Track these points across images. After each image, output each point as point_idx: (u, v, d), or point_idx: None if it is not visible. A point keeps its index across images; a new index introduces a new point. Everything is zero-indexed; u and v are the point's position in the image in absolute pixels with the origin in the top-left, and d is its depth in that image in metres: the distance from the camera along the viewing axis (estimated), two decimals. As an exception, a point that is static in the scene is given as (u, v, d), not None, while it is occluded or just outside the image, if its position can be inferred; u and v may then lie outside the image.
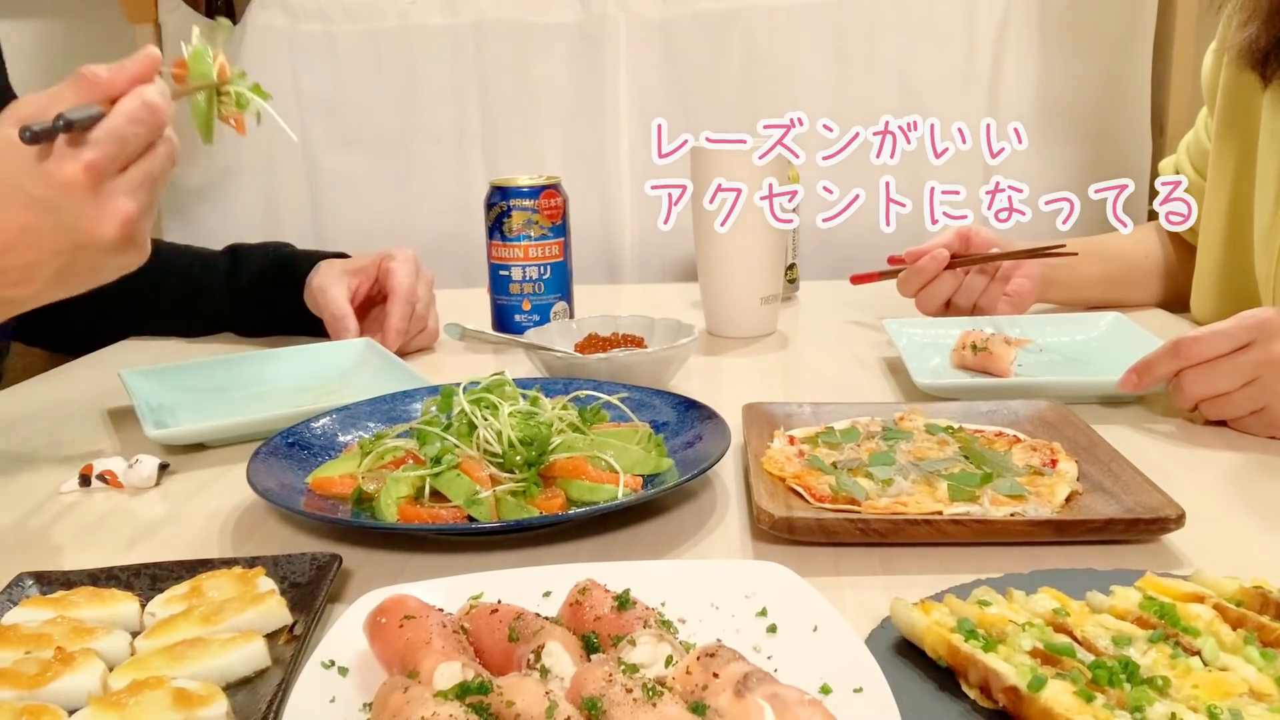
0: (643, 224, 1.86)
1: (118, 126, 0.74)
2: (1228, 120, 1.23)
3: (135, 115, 0.75)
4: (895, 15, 1.76)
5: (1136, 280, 1.39)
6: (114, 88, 0.75)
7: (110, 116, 0.74)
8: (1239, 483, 0.82)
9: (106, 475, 0.88)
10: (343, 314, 1.23)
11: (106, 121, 0.74)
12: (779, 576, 0.62)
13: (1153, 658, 0.52)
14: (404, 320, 1.24)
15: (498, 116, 1.86)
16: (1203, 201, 1.27)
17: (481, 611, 0.58)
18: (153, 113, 0.75)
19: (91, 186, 0.73)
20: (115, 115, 0.74)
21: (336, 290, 1.24)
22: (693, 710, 0.49)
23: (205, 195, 1.92)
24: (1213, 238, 1.25)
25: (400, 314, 1.23)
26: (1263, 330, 0.88)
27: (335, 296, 1.24)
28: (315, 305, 1.27)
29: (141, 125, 0.75)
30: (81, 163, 0.73)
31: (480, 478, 0.76)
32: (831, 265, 1.80)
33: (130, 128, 0.74)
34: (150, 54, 0.77)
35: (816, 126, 1.79)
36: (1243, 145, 1.20)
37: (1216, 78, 1.25)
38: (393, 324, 1.23)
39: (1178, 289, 1.36)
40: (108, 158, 0.73)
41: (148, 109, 0.75)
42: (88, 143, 0.73)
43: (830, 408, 0.93)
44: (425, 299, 1.28)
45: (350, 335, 1.22)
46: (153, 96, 0.76)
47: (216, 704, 0.53)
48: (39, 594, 0.66)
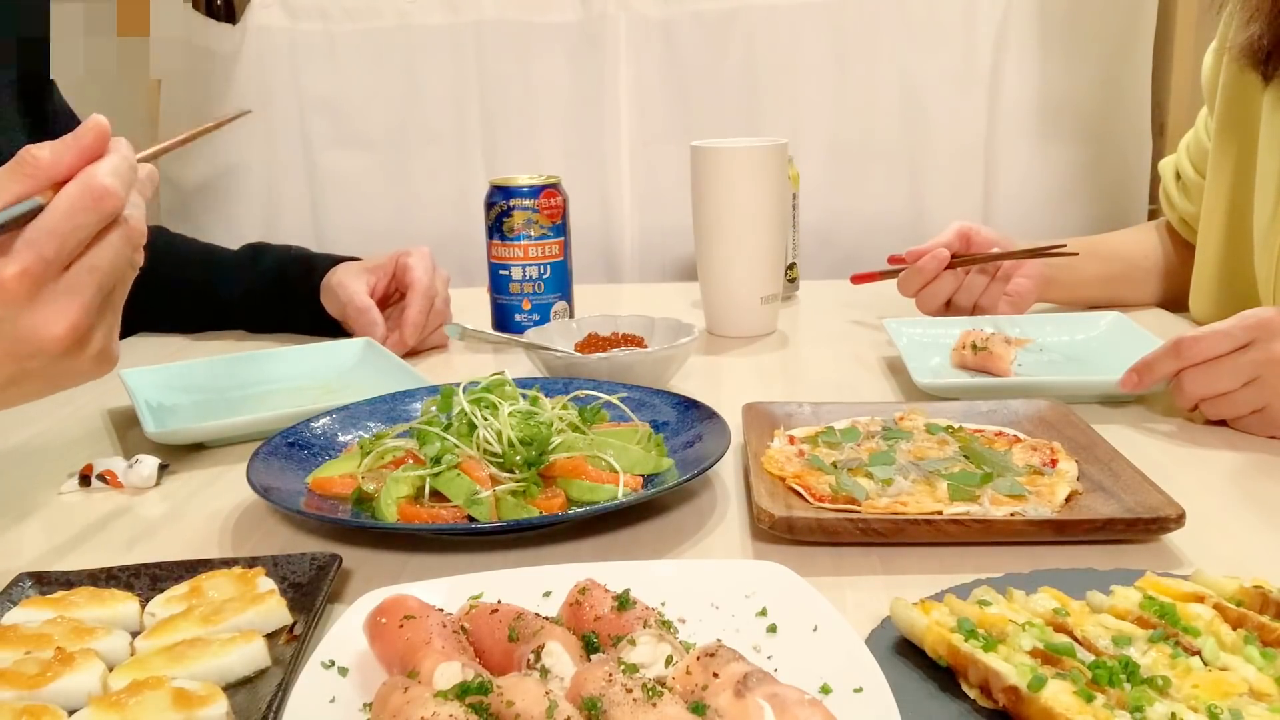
0: (643, 224, 1.86)
1: (54, 223, 0.65)
2: (1227, 119, 1.23)
3: (77, 206, 0.65)
4: (895, 15, 1.76)
5: (1137, 279, 1.39)
6: (57, 170, 0.66)
7: (48, 210, 0.65)
8: (1239, 483, 0.82)
9: (106, 475, 0.88)
10: (366, 307, 1.24)
11: (43, 217, 0.65)
12: (779, 576, 0.62)
13: (1153, 658, 0.52)
14: (423, 315, 1.25)
15: (498, 116, 1.86)
16: (1201, 201, 1.27)
17: (481, 611, 0.58)
18: (99, 199, 0.66)
19: (28, 294, 0.64)
20: (53, 209, 0.65)
21: (357, 285, 1.26)
22: (693, 710, 0.49)
23: (205, 195, 1.92)
24: (1212, 237, 1.25)
25: (419, 308, 1.24)
26: (1263, 330, 0.88)
27: (356, 291, 1.25)
28: (335, 303, 1.28)
29: (86, 214, 0.66)
30: (15, 269, 0.64)
31: (480, 478, 0.76)
32: (831, 265, 1.81)
33: (70, 221, 0.65)
34: (98, 125, 0.68)
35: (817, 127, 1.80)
36: (1242, 144, 1.20)
37: (1216, 77, 1.25)
38: (411, 318, 1.24)
39: (1178, 288, 1.36)
40: (43, 260, 0.64)
41: (93, 196, 0.65)
42: (22, 244, 0.64)
43: (830, 408, 0.93)
44: (442, 295, 1.29)
45: (375, 328, 1.23)
46: (102, 179, 0.66)
47: (216, 704, 0.53)
48: (39, 594, 0.66)
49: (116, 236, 0.68)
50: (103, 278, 0.67)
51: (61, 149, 0.66)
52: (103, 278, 0.67)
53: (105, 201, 0.66)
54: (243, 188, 1.92)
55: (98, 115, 0.69)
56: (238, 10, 1.93)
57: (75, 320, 0.66)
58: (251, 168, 1.91)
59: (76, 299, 0.66)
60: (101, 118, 0.68)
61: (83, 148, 0.67)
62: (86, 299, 0.67)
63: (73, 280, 0.66)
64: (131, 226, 0.69)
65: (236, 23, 1.89)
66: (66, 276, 0.66)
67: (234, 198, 1.92)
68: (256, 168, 1.91)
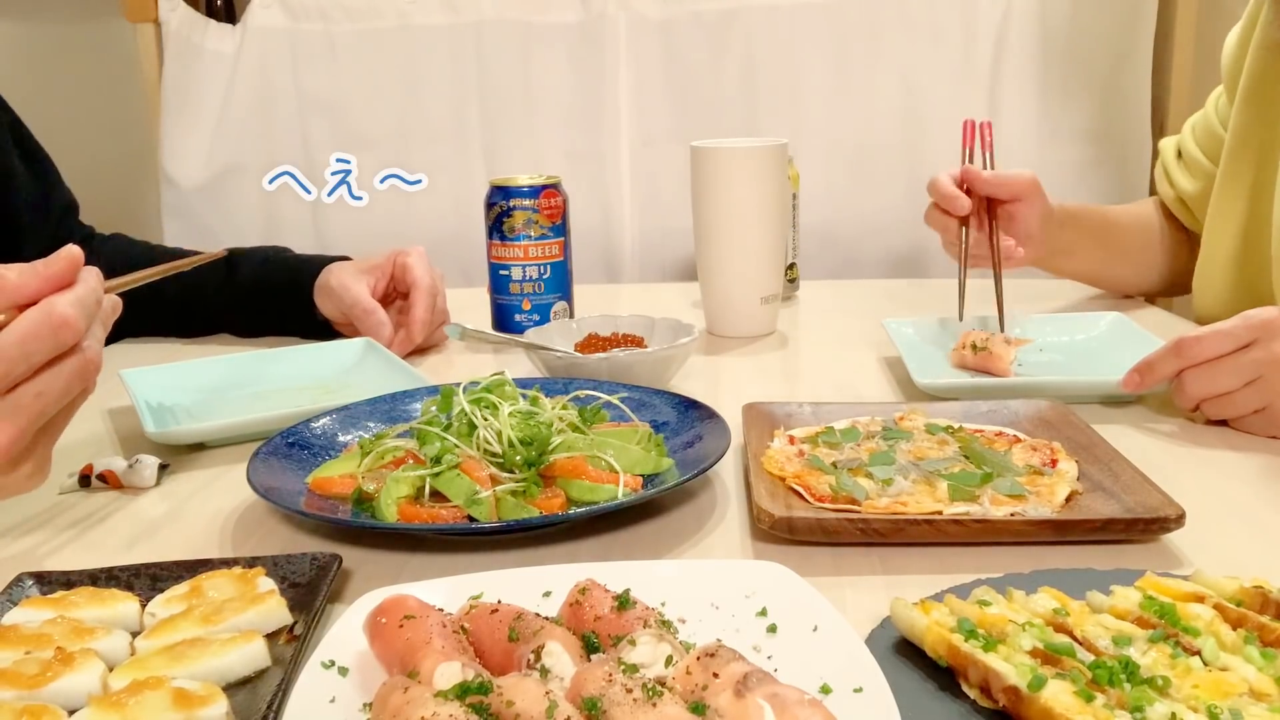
0: (643, 224, 1.86)
1: (6, 346, 0.65)
2: (1253, 108, 1.20)
3: (32, 332, 0.66)
4: (895, 15, 1.76)
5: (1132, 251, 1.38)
6: (22, 294, 0.67)
7: (4, 333, 0.65)
8: (1239, 483, 0.82)
9: (106, 475, 0.88)
10: (372, 308, 1.24)
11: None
12: (779, 576, 0.62)
13: (1153, 658, 0.52)
14: (428, 313, 1.25)
15: (498, 116, 1.86)
16: (1212, 187, 1.26)
17: (481, 611, 0.58)
18: (57, 329, 0.66)
19: None
20: (9, 331, 0.65)
21: (359, 287, 1.25)
22: (693, 710, 0.49)
23: (205, 195, 1.92)
24: (1226, 226, 1.23)
25: (424, 306, 1.24)
26: (1265, 330, 0.88)
27: (360, 293, 1.25)
28: (334, 304, 1.27)
29: (41, 342, 0.66)
30: None
31: (480, 478, 0.76)
32: (831, 265, 1.81)
33: (23, 346, 0.66)
34: (70, 255, 0.69)
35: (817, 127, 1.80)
36: (1266, 135, 1.19)
37: (1241, 61, 1.23)
38: (418, 316, 1.24)
39: (1175, 269, 1.36)
40: None
41: (50, 325, 0.66)
42: None
43: (830, 408, 0.93)
44: (441, 294, 1.30)
45: (383, 328, 1.23)
46: (62, 309, 0.67)
47: (216, 704, 0.53)
48: (39, 594, 0.66)
49: (70, 365, 0.69)
50: (47, 404, 0.68)
51: (30, 274, 0.67)
52: (47, 404, 0.68)
53: (62, 331, 0.67)
54: (243, 188, 1.92)
55: (73, 245, 0.70)
56: (238, 10, 1.93)
57: (8, 443, 0.67)
58: (251, 168, 1.91)
59: (15, 422, 0.67)
60: (76, 248, 0.70)
61: (50, 275, 0.68)
62: (24, 423, 0.67)
63: (15, 402, 0.67)
64: (88, 358, 0.70)
65: (236, 23, 1.89)
66: (9, 398, 0.67)
67: (234, 197, 1.92)
68: (256, 168, 1.91)
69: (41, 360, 0.67)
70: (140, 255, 1.37)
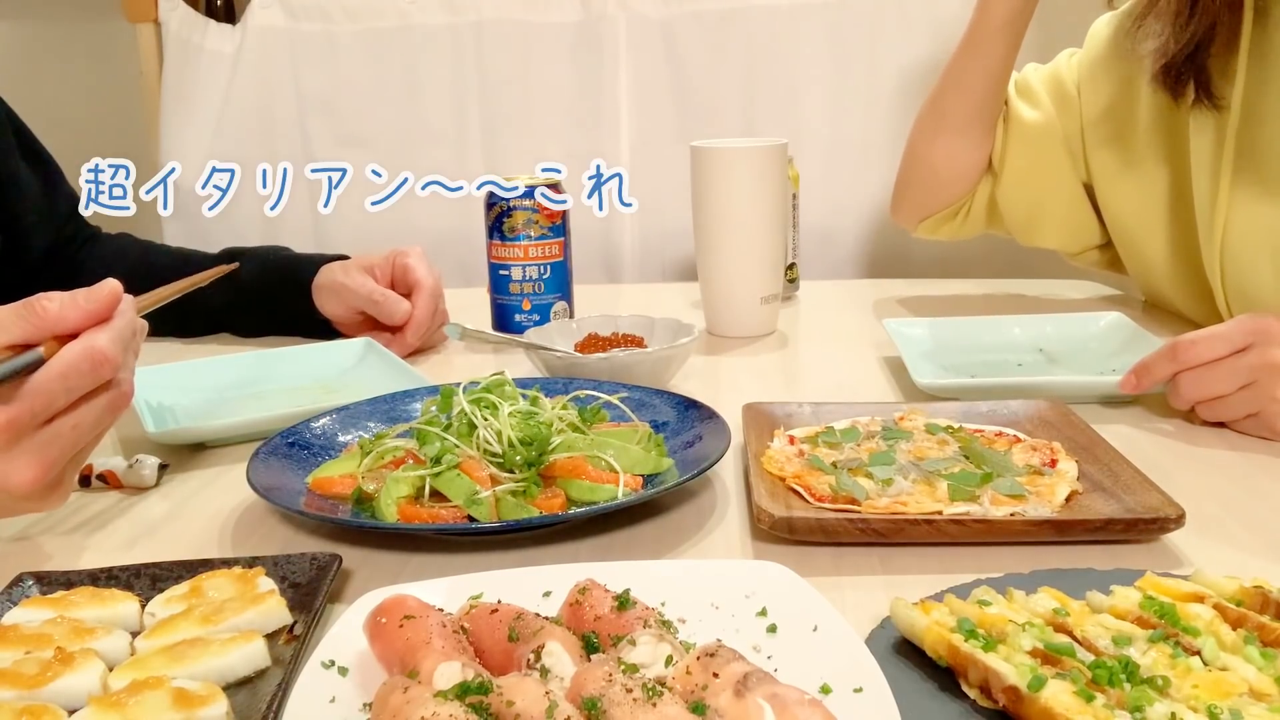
0: (643, 224, 1.86)
1: (47, 382, 0.67)
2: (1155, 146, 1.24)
3: (72, 368, 0.68)
4: (895, 15, 1.76)
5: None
6: (62, 325, 0.69)
7: (44, 369, 0.67)
8: (1239, 483, 0.82)
9: (106, 475, 0.88)
10: (385, 295, 1.23)
11: (38, 375, 0.67)
12: (779, 576, 0.62)
13: (1153, 658, 0.52)
14: (431, 313, 1.25)
15: (498, 116, 1.86)
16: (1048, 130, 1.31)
17: (481, 611, 0.58)
18: (97, 365, 0.68)
19: (5, 444, 0.67)
20: (49, 368, 0.67)
21: (364, 279, 1.25)
22: (693, 710, 0.49)
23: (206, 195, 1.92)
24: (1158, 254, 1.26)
25: (427, 307, 1.24)
26: (1261, 335, 0.88)
27: (369, 283, 1.24)
28: (340, 302, 1.27)
29: (81, 378, 0.68)
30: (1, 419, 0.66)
31: (480, 478, 0.76)
32: (831, 265, 1.81)
33: (64, 382, 0.67)
34: (112, 290, 0.70)
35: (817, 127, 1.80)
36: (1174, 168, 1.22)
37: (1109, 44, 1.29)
38: (421, 316, 1.24)
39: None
40: (29, 413, 0.67)
41: (90, 360, 0.68)
42: (14, 396, 0.66)
43: (830, 408, 0.93)
44: (441, 293, 1.30)
45: (402, 311, 1.22)
46: (103, 347, 0.69)
47: (216, 704, 0.53)
48: (39, 594, 0.66)
49: (105, 399, 0.71)
50: (81, 435, 0.70)
51: (71, 306, 0.69)
52: (81, 435, 0.70)
53: (102, 368, 0.69)
54: (243, 188, 1.92)
55: (113, 280, 0.71)
56: (238, 10, 1.93)
57: (41, 473, 0.68)
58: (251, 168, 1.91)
59: (48, 453, 0.68)
60: (115, 283, 0.71)
61: (91, 311, 0.70)
62: (56, 454, 0.69)
63: (52, 434, 0.69)
64: (122, 391, 0.72)
65: (236, 23, 1.89)
66: (47, 429, 0.68)
67: (234, 197, 1.92)
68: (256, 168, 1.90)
69: (80, 394, 0.69)
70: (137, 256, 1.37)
